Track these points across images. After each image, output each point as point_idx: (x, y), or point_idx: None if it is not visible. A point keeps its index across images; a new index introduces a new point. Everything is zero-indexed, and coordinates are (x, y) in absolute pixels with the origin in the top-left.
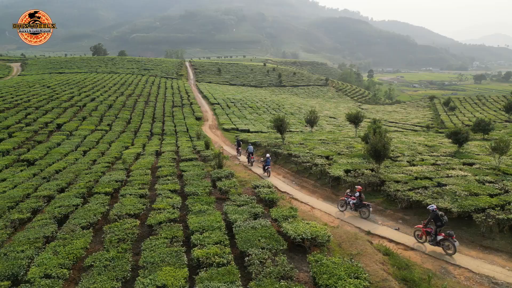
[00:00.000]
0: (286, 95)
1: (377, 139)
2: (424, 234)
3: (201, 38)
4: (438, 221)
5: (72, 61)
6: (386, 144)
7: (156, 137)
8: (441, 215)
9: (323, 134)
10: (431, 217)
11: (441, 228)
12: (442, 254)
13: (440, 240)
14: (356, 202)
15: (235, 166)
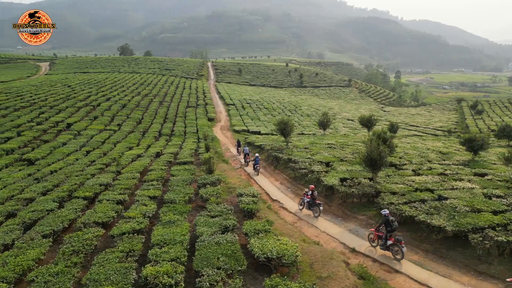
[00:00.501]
0: (306, 96)
1: (373, 147)
2: (376, 238)
3: (227, 39)
4: (389, 226)
5: (97, 61)
6: (382, 153)
7: (163, 138)
8: (392, 221)
9: (336, 137)
10: (382, 221)
11: (391, 233)
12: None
13: (390, 245)
14: (310, 201)
15: (230, 170)
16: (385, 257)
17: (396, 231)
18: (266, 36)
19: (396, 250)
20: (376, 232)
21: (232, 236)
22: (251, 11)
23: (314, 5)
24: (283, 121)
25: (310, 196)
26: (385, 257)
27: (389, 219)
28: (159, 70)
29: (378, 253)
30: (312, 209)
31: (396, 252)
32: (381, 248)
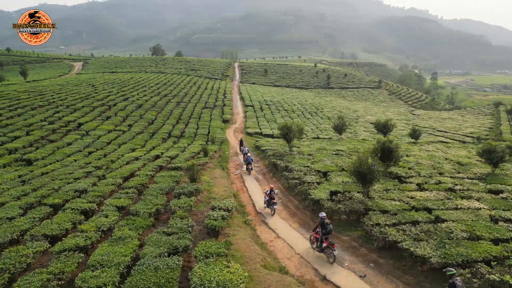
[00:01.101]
0: (331, 98)
1: (362, 160)
2: (315, 240)
3: (259, 39)
4: (324, 229)
5: (127, 61)
6: (373, 167)
7: (171, 140)
8: (327, 223)
9: (351, 142)
10: (319, 223)
11: (326, 236)
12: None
13: (325, 247)
14: (268, 199)
15: (221, 178)
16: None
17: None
18: (298, 36)
19: (329, 253)
20: (315, 234)
21: (177, 260)
22: (284, 11)
23: (348, 5)
24: (286, 125)
25: (268, 195)
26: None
27: (325, 222)
28: (185, 70)
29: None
30: (269, 207)
31: (329, 255)
32: (317, 250)
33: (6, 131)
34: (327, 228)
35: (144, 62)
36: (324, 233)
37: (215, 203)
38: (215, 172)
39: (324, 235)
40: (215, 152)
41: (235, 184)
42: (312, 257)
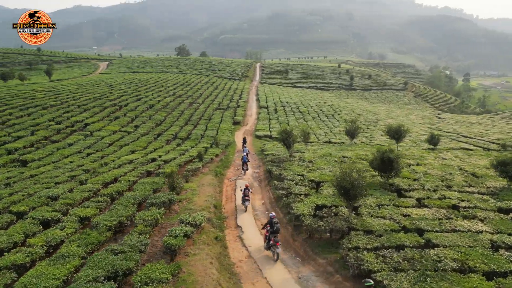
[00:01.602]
0: (352, 100)
1: (345, 173)
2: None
3: (286, 39)
4: (271, 228)
5: (150, 61)
6: (356, 182)
7: (175, 142)
8: (275, 222)
9: (364, 148)
10: (268, 222)
11: (273, 235)
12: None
13: (271, 245)
14: (242, 197)
15: (209, 185)
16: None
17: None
18: (325, 36)
19: (273, 250)
20: (265, 232)
21: (110, 286)
22: (311, 11)
23: (379, 4)
24: (285, 130)
25: (243, 193)
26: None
27: (273, 221)
28: (205, 70)
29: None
30: (243, 204)
31: (273, 252)
32: (265, 248)
33: (11, 130)
34: (274, 227)
35: (166, 62)
36: (271, 232)
37: (184, 216)
38: (205, 179)
39: (271, 234)
40: (215, 156)
41: (225, 192)
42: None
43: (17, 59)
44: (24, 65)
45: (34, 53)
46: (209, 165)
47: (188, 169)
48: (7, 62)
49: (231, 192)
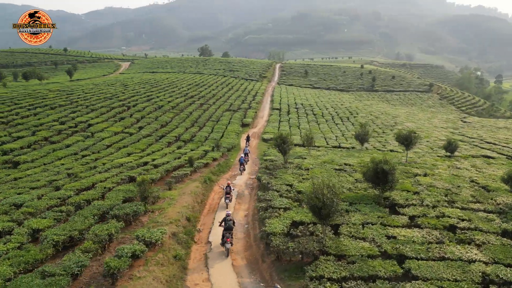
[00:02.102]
0: (372, 102)
1: (316, 189)
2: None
3: (310, 39)
4: (225, 224)
5: (170, 61)
6: (329, 200)
7: (176, 145)
8: (228, 220)
9: (373, 154)
10: (223, 219)
11: (227, 232)
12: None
13: (224, 242)
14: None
15: (187, 195)
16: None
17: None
18: (351, 36)
19: (225, 246)
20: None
21: None
22: (337, 11)
23: (408, 3)
24: (280, 136)
25: (225, 190)
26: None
27: (226, 219)
28: (223, 71)
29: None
30: (226, 201)
31: (225, 248)
32: (220, 244)
33: (13, 130)
34: (226, 224)
35: (186, 62)
36: (225, 228)
37: (141, 231)
38: (190, 186)
39: (224, 231)
40: (213, 160)
41: (210, 201)
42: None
43: (44, 59)
44: (50, 65)
45: (61, 53)
46: (204, 170)
47: (175, 175)
48: (34, 62)
49: (217, 201)
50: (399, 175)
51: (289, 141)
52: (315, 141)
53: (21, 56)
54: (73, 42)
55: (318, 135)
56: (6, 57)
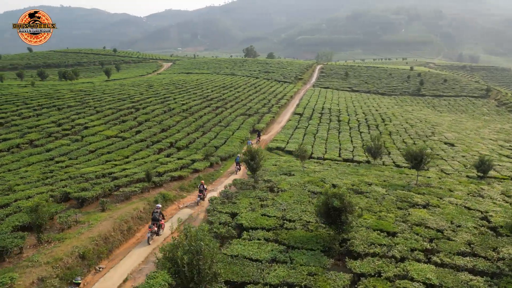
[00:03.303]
0: (414, 107)
1: (190, 240)
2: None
3: (365, 40)
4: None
5: (209, 62)
6: (201, 261)
7: (167, 152)
8: (155, 212)
9: (383, 172)
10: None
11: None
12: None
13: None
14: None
15: (106, 221)
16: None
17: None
18: (410, 37)
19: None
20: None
21: None
22: (395, 10)
23: (474, 0)
24: (250, 151)
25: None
26: None
27: (154, 211)
28: (258, 72)
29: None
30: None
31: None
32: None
33: (4, 132)
34: (153, 216)
35: (223, 63)
36: (151, 219)
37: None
38: (127, 208)
39: (152, 221)
40: (193, 172)
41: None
42: None
43: (94, 59)
44: (98, 65)
45: (110, 53)
46: (171, 185)
47: (121, 192)
48: (84, 62)
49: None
50: (390, 205)
51: (258, 157)
52: (329, 152)
53: (73, 56)
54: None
55: (333, 145)
56: (60, 57)
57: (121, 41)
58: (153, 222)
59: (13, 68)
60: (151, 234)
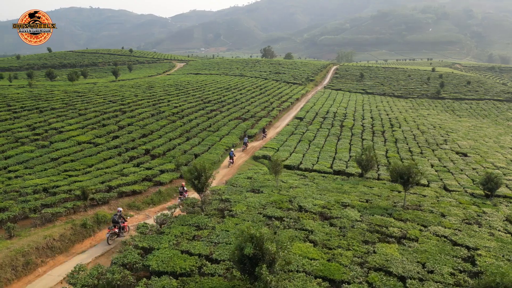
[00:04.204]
0: (431, 111)
1: None
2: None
3: (390, 39)
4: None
5: (222, 63)
6: None
7: (138, 160)
8: (115, 215)
9: (372, 188)
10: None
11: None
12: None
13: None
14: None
15: None
16: None
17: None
18: (437, 36)
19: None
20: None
21: None
22: (422, 9)
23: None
24: (195, 168)
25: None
26: None
27: (114, 214)
28: (268, 73)
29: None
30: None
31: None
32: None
33: None
34: (112, 219)
35: (234, 64)
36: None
37: None
38: (36, 236)
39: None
40: (152, 186)
41: (50, 263)
42: None
43: (110, 59)
44: (111, 66)
45: (127, 54)
46: (123, 201)
47: (40, 215)
48: (99, 62)
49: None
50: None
51: (203, 177)
52: (320, 162)
53: (89, 56)
54: (159, 43)
55: (327, 154)
56: (76, 57)
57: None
58: (113, 225)
59: (29, 67)
60: (110, 235)
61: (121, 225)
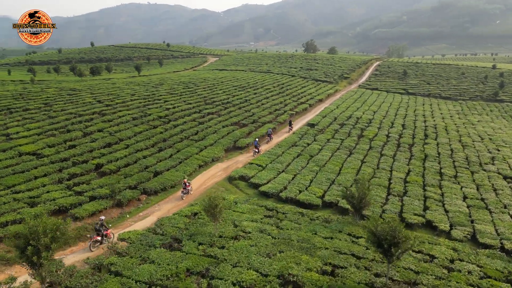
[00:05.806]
0: (483, 117)
1: None
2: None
3: (450, 33)
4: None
5: (252, 58)
6: None
7: (78, 179)
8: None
9: (346, 245)
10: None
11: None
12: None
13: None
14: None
15: None
16: None
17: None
18: (505, 29)
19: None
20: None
21: None
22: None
23: None
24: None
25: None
26: None
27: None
28: (298, 70)
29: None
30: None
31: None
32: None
33: None
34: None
35: (265, 60)
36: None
37: None
38: None
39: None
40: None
41: None
42: None
43: (146, 53)
44: (144, 60)
45: (163, 48)
46: None
47: None
48: (134, 56)
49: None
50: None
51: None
52: (311, 188)
53: (127, 50)
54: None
55: (325, 177)
56: (113, 51)
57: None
58: (97, 233)
59: (67, 62)
60: (93, 242)
61: (104, 233)
